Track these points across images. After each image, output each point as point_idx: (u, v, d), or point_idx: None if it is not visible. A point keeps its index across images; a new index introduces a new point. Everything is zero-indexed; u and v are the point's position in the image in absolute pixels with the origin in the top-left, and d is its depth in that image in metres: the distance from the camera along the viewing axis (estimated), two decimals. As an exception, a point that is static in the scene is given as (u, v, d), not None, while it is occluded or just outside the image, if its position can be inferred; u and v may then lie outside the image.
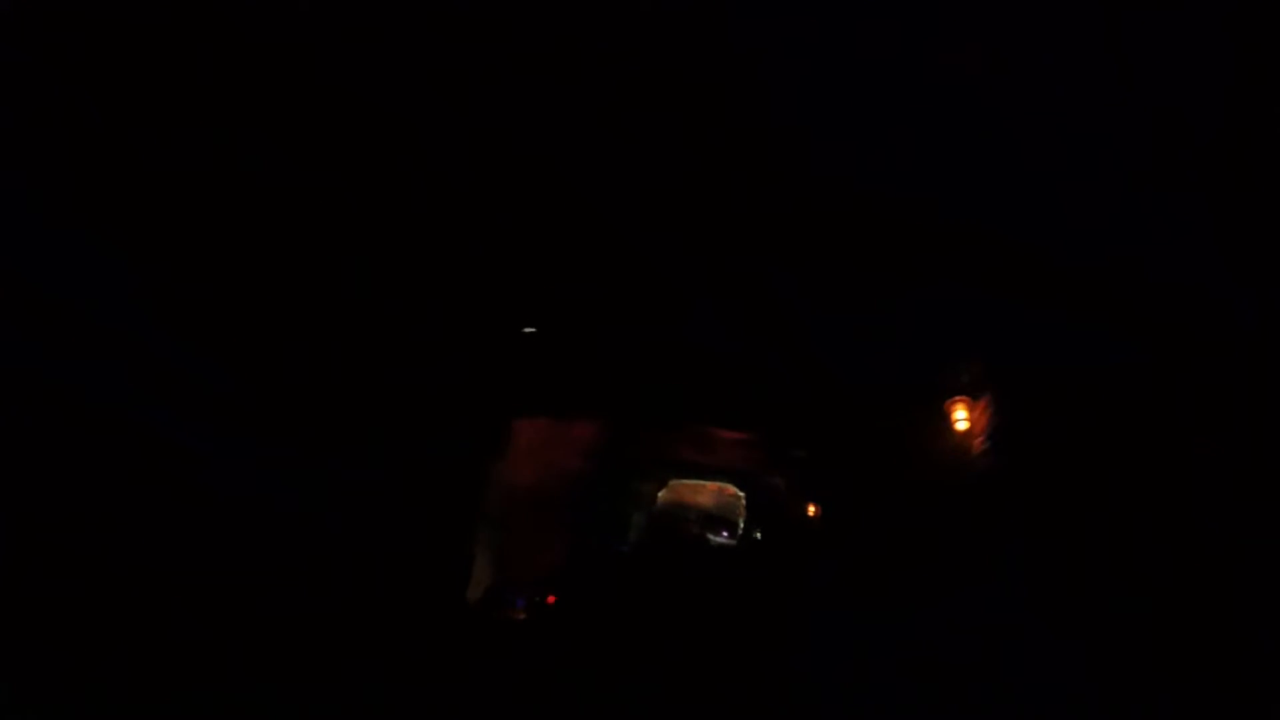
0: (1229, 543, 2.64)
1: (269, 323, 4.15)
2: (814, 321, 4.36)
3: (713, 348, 5.24)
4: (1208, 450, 2.73)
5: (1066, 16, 2.34)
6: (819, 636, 5.39)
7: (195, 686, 3.58)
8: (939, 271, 3.53)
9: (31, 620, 3.06)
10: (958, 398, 5.07)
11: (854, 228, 3.37)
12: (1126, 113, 2.53)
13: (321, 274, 4.08)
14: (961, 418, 5.02)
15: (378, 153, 3.27)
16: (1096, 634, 3.01)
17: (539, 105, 2.98)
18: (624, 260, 3.97)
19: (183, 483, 3.86)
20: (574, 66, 2.77)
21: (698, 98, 2.85)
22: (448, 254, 4.07)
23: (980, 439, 4.84)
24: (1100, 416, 3.22)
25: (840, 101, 2.80)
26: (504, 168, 3.33)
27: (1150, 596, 2.82)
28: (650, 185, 3.39)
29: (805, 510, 10.14)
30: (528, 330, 5.43)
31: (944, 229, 3.28)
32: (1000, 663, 3.42)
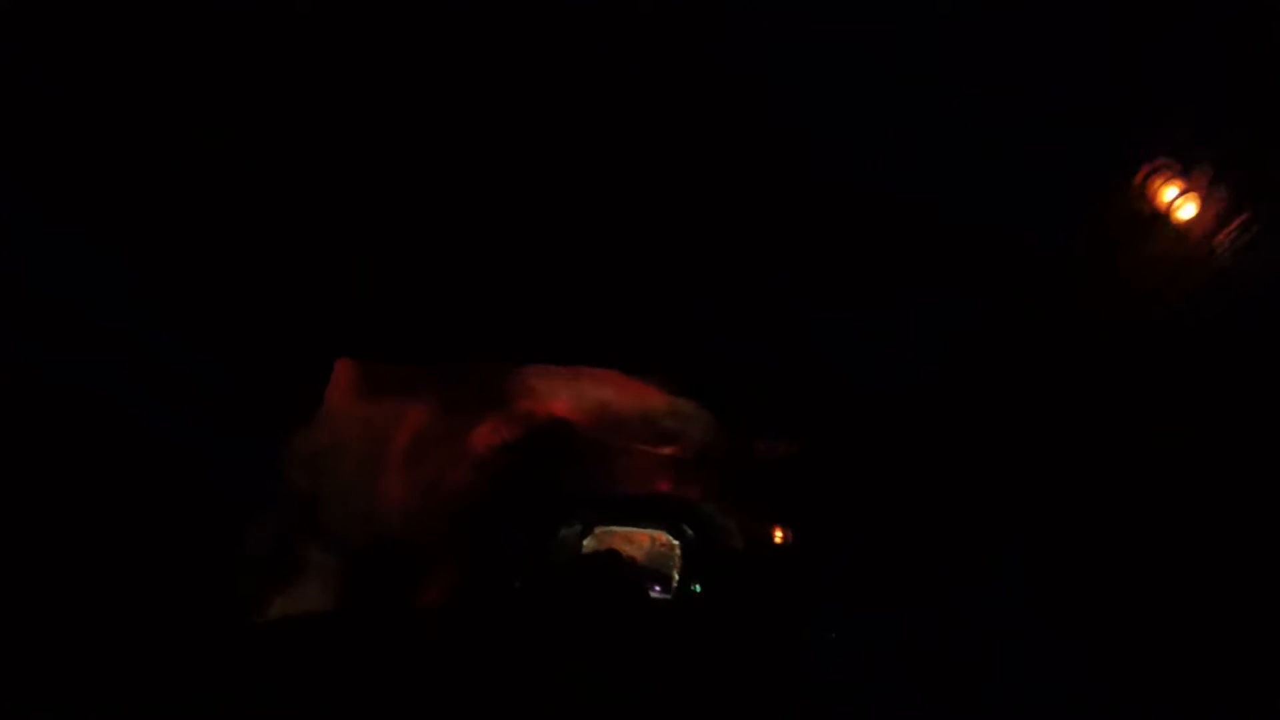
0: (1230, 542, 2.64)
1: (269, 322, 4.15)
2: (814, 321, 4.36)
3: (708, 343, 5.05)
4: (1209, 449, 2.73)
5: (1067, 14, 2.34)
6: (820, 635, 5.39)
7: (194, 685, 3.58)
8: (939, 272, 3.53)
9: (31, 620, 3.06)
10: (1160, 164, 2.53)
11: (854, 228, 3.38)
12: (1128, 111, 2.53)
13: (321, 273, 4.08)
14: (1174, 196, 2.49)
15: (378, 153, 3.28)
16: (1096, 634, 3.01)
17: (539, 105, 2.98)
18: (624, 260, 3.98)
19: (183, 482, 3.86)
20: (574, 66, 2.77)
21: (698, 98, 2.85)
22: (447, 254, 4.07)
23: (1226, 238, 2.40)
24: (1100, 415, 3.22)
25: (840, 101, 2.81)
26: (503, 168, 3.33)
27: (1151, 596, 2.82)
28: (650, 185, 3.39)
29: (769, 542, 8.19)
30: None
31: (944, 229, 3.29)
32: (1000, 663, 3.42)
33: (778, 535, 8.23)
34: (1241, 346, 2.60)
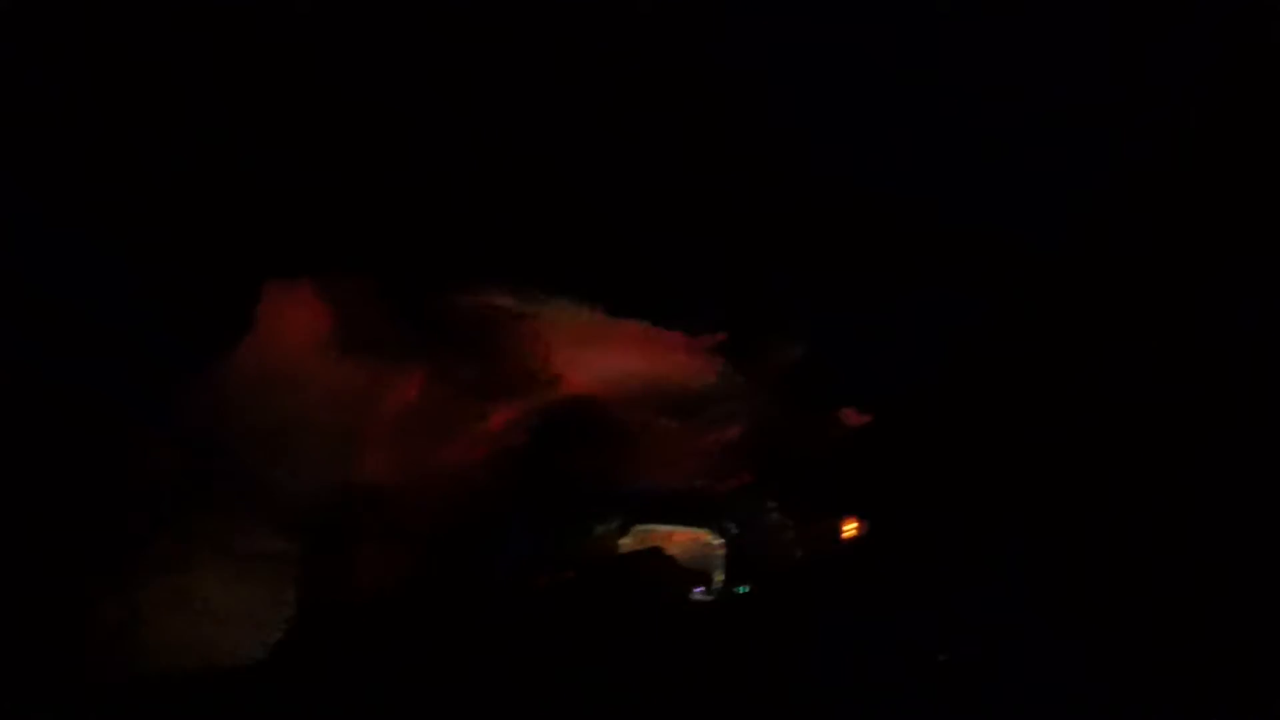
0: (1230, 542, 2.64)
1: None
2: (814, 321, 4.34)
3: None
4: (1209, 448, 2.73)
5: (1068, 14, 2.35)
6: (818, 636, 5.37)
7: (196, 686, 3.58)
8: (939, 272, 3.53)
9: (31, 621, 3.06)
10: None
11: (854, 228, 3.38)
12: (1127, 110, 2.53)
13: (323, 273, 4.07)
14: None
15: (377, 152, 3.28)
16: (1096, 634, 3.01)
17: (539, 105, 2.98)
18: (623, 260, 3.97)
19: (184, 483, 3.86)
20: (574, 66, 2.77)
21: (698, 97, 2.85)
22: (447, 253, 4.07)
23: None
24: (1100, 415, 3.22)
25: (840, 102, 2.81)
26: (503, 168, 3.33)
27: (1151, 596, 2.82)
28: (650, 185, 3.39)
29: (834, 537, 6.97)
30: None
31: (943, 229, 3.29)
32: (1000, 663, 3.42)
33: (847, 529, 7.05)
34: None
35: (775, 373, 5.59)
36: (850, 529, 6.80)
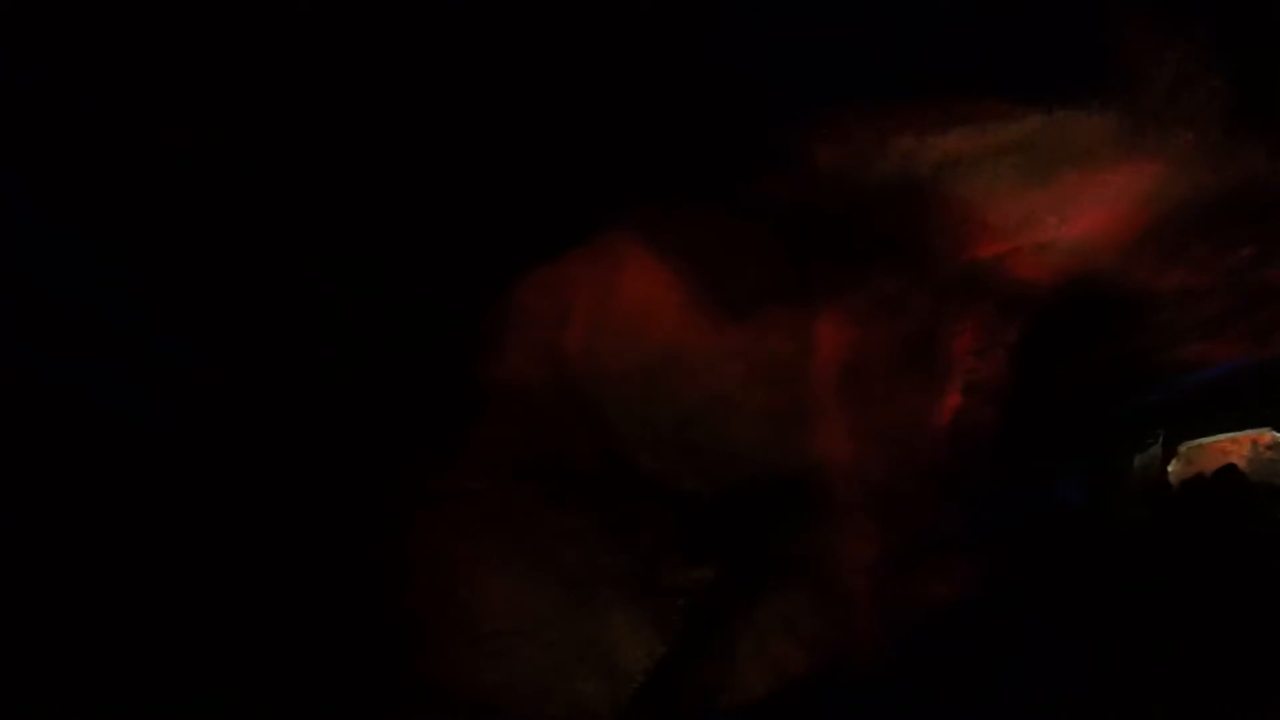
0: (1234, 541, 2.64)
1: (272, 323, 4.15)
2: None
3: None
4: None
5: (1069, 19, 2.34)
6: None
7: (197, 687, 3.58)
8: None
9: (31, 622, 3.06)
10: None
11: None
12: (1123, 109, 2.53)
13: (324, 274, 4.08)
14: None
15: (377, 152, 3.28)
16: (1097, 634, 3.00)
17: (537, 105, 2.98)
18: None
19: (185, 484, 3.86)
20: (573, 66, 2.77)
21: (697, 97, 2.85)
22: (447, 255, 4.07)
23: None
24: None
25: (840, 102, 2.81)
26: (502, 167, 3.33)
27: (1151, 595, 2.82)
28: (649, 185, 3.39)
29: None
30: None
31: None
32: (1000, 663, 3.41)
33: None
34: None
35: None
36: None
